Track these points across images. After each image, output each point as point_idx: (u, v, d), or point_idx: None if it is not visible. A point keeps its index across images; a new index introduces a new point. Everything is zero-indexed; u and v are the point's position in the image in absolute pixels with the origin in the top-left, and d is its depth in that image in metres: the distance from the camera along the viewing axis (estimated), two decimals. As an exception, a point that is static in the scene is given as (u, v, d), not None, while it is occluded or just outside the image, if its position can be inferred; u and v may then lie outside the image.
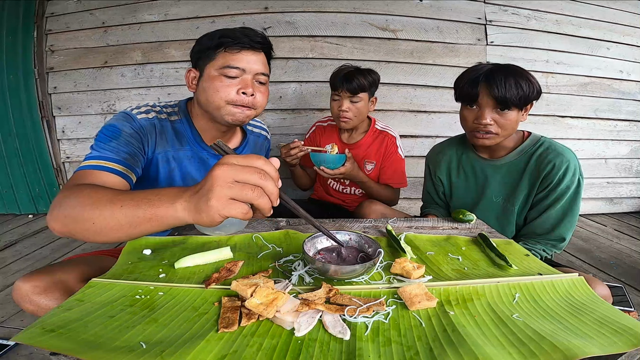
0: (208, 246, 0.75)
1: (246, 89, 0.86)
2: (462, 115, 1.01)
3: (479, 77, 0.92)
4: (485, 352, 0.42)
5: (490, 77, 0.89)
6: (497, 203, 1.08)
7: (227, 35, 0.86)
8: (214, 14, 2.12)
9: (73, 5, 2.20)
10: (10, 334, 1.20)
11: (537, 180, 0.97)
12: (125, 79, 2.21)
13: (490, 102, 0.91)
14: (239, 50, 0.86)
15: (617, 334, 0.45)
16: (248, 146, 1.09)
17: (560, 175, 0.93)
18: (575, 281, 0.61)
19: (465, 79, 0.95)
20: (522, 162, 1.01)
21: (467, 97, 0.95)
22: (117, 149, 0.79)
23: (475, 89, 0.92)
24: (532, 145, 1.00)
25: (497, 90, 0.88)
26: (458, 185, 1.16)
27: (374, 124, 1.49)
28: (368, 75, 1.34)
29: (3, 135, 2.32)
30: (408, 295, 0.54)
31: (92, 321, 0.48)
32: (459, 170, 1.15)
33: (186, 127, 0.96)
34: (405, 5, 2.15)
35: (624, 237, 2.16)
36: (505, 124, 0.94)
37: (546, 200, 0.98)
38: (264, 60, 0.91)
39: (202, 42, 0.90)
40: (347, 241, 0.71)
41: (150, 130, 0.89)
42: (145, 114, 0.90)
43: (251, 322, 0.49)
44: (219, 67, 0.86)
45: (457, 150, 1.15)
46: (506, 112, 0.92)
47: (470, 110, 0.97)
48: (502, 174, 1.05)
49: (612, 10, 2.32)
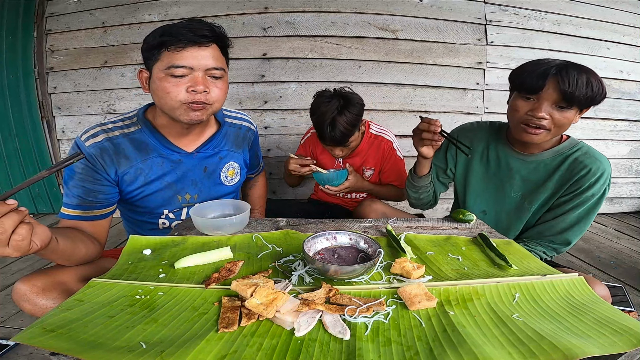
0: (208, 246, 0.75)
1: (196, 87, 0.81)
2: (515, 106, 0.95)
3: (549, 69, 0.87)
4: (485, 352, 0.42)
5: (564, 71, 0.85)
6: (513, 198, 1.05)
7: (168, 33, 0.80)
8: (214, 14, 2.13)
9: (73, 5, 2.20)
10: (10, 334, 1.20)
11: (566, 183, 0.95)
12: (125, 79, 2.21)
13: (554, 96, 0.87)
14: (182, 48, 0.80)
15: (617, 334, 0.45)
16: (226, 138, 1.05)
17: (593, 181, 0.91)
18: (575, 281, 0.61)
19: (531, 69, 0.90)
20: (556, 162, 0.98)
21: (530, 87, 0.89)
22: (71, 193, 0.86)
23: (543, 80, 0.86)
24: (569, 148, 0.97)
25: (568, 85, 0.84)
26: (476, 170, 1.11)
27: (368, 128, 1.47)
28: (353, 121, 1.24)
29: (3, 135, 2.32)
30: (408, 295, 0.54)
31: (92, 321, 0.48)
32: (482, 156, 1.10)
33: (148, 135, 0.92)
34: (405, 5, 2.15)
35: (624, 237, 2.16)
36: (560, 121, 0.89)
37: (567, 205, 0.96)
38: (214, 53, 0.85)
39: (147, 41, 0.84)
40: (347, 241, 0.71)
41: (101, 154, 0.86)
42: (93, 138, 0.87)
43: (251, 322, 0.49)
44: (164, 68, 0.80)
45: (489, 136, 1.11)
46: (565, 110, 0.88)
47: (526, 102, 0.92)
48: (529, 171, 1.01)
49: (612, 10, 2.32)
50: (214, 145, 1.02)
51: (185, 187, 1.00)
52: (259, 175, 1.33)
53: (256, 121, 2.15)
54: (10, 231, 0.52)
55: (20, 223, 0.54)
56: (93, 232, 0.87)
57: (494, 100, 2.29)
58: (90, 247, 0.82)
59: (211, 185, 1.04)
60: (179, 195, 1.00)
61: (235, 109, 1.17)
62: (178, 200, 1.00)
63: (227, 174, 1.06)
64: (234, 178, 1.09)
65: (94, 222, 0.88)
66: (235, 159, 1.08)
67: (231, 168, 1.07)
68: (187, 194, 1.01)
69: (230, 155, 1.06)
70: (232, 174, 1.08)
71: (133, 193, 0.93)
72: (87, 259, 0.82)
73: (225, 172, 1.06)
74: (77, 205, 0.85)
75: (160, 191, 0.96)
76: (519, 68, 0.95)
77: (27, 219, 0.55)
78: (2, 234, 0.51)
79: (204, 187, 1.02)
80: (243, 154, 1.11)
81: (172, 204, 1.00)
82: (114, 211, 0.94)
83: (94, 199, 0.87)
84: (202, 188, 1.02)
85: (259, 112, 2.23)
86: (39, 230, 0.58)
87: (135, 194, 0.94)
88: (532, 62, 0.93)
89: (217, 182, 1.05)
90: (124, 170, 0.90)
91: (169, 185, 0.97)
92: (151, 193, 0.95)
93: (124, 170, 0.90)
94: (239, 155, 1.09)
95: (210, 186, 1.04)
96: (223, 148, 1.04)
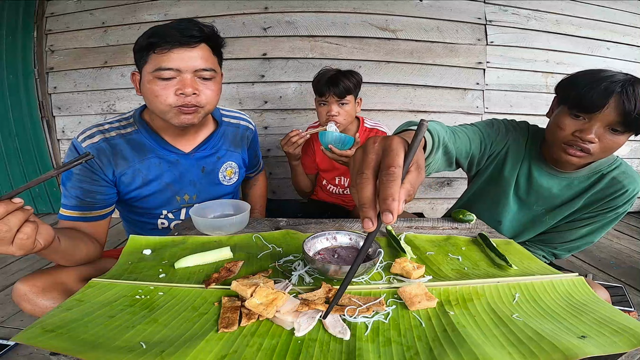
0: (208, 246, 0.75)
1: (184, 89, 0.80)
2: (561, 123, 0.81)
3: (613, 85, 0.73)
4: (485, 352, 0.42)
5: (630, 89, 0.72)
6: (534, 211, 0.97)
7: (155, 34, 0.78)
8: (214, 14, 2.13)
9: (73, 5, 2.20)
10: (10, 334, 1.20)
11: (599, 201, 0.88)
12: (125, 79, 2.21)
13: (610, 118, 0.74)
14: (169, 49, 0.78)
15: (617, 334, 0.45)
16: (224, 138, 1.05)
17: (625, 201, 0.86)
18: (575, 281, 0.61)
19: (589, 84, 0.76)
20: (592, 180, 0.90)
21: (588, 105, 0.75)
22: (70, 194, 0.85)
23: (606, 99, 0.73)
24: (607, 165, 0.89)
25: (635, 106, 0.71)
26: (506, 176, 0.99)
27: (363, 123, 1.49)
28: (352, 77, 1.33)
29: (3, 135, 2.32)
30: (408, 295, 0.54)
31: (92, 321, 0.48)
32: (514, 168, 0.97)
33: (145, 136, 0.92)
34: (405, 5, 2.15)
35: (624, 237, 2.16)
36: (609, 146, 0.78)
37: (589, 220, 0.91)
38: (204, 54, 0.83)
39: (137, 43, 0.82)
40: (347, 241, 0.71)
41: (98, 155, 0.86)
42: (90, 139, 0.86)
43: (251, 322, 0.49)
44: (152, 70, 0.79)
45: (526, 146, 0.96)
46: (618, 135, 0.76)
47: (575, 120, 0.79)
48: (561, 188, 0.92)
49: (612, 10, 2.32)
50: (211, 145, 1.02)
51: (184, 188, 1.00)
52: (259, 174, 1.33)
53: (256, 121, 2.15)
54: (16, 229, 0.52)
55: (25, 222, 0.54)
56: (92, 232, 0.87)
57: (494, 100, 2.30)
58: (90, 248, 0.82)
59: (210, 185, 1.04)
60: (177, 196, 1.00)
61: (235, 109, 1.17)
62: (177, 200, 1.00)
63: (226, 173, 1.06)
64: (233, 178, 1.09)
65: (93, 223, 0.88)
66: (234, 159, 1.08)
67: (229, 168, 1.07)
68: (186, 195, 1.01)
69: (228, 155, 1.06)
70: (231, 173, 1.08)
71: (131, 194, 0.93)
72: (88, 259, 0.82)
73: (224, 172, 1.06)
74: (75, 206, 0.85)
75: (158, 192, 0.96)
76: (571, 79, 0.82)
77: (31, 217, 0.56)
78: (7, 232, 0.51)
79: (202, 188, 1.02)
80: (242, 153, 1.11)
81: (171, 205, 1.00)
82: (112, 212, 0.94)
83: (93, 199, 0.87)
84: (200, 188, 1.02)
85: (259, 112, 2.23)
86: (43, 229, 0.59)
87: (134, 195, 0.94)
88: (588, 73, 0.79)
89: (216, 182, 1.05)
90: (122, 170, 0.90)
91: (167, 185, 0.96)
92: (150, 194, 0.95)
93: (122, 171, 0.90)
94: (238, 155, 1.09)
95: (209, 186, 1.04)
96: (221, 148, 1.04)
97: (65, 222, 0.86)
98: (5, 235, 0.51)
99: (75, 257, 0.78)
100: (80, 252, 0.78)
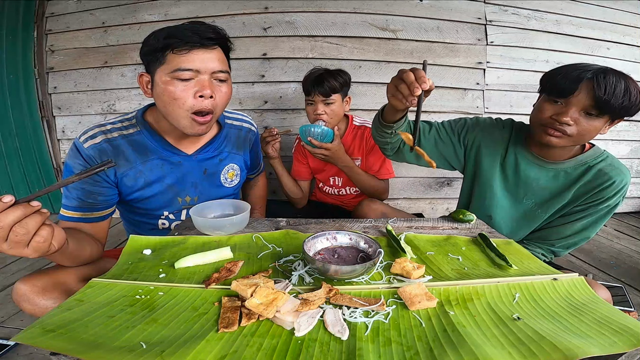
0: (208, 246, 0.75)
1: (203, 91, 0.80)
2: (540, 107, 0.90)
3: (585, 72, 0.81)
4: (485, 352, 0.42)
5: (601, 76, 0.79)
6: (525, 205, 1.00)
7: (173, 35, 0.78)
8: (214, 14, 2.12)
9: (73, 5, 2.20)
10: (10, 334, 1.20)
11: (587, 194, 0.91)
12: (125, 79, 2.21)
13: (585, 102, 0.81)
14: (188, 50, 0.78)
15: (617, 334, 0.45)
16: (226, 140, 1.05)
17: (613, 193, 0.89)
18: (576, 281, 0.61)
19: (566, 72, 0.84)
20: (578, 172, 0.93)
21: (561, 90, 0.84)
22: (71, 195, 0.85)
23: (576, 84, 0.81)
24: (593, 157, 0.93)
25: (604, 91, 0.78)
26: (490, 173, 1.04)
27: (352, 121, 1.51)
28: (339, 77, 1.34)
29: (3, 135, 2.32)
30: (408, 295, 0.54)
31: (92, 321, 0.48)
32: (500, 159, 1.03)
33: (147, 137, 0.92)
34: (405, 5, 2.15)
35: (624, 237, 2.16)
36: (585, 130, 0.84)
37: (579, 214, 0.93)
38: (220, 56, 0.84)
39: (149, 43, 0.81)
40: (347, 241, 0.71)
41: (100, 156, 0.86)
42: (91, 140, 0.86)
43: (251, 322, 0.49)
44: (170, 71, 0.78)
45: (511, 138, 1.03)
46: (594, 119, 0.83)
47: (553, 105, 0.87)
48: (548, 179, 0.96)
49: (612, 10, 2.32)
50: (214, 148, 1.02)
51: (185, 189, 1.00)
52: (260, 175, 1.33)
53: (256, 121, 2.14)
54: (33, 232, 0.52)
55: (42, 225, 0.53)
56: (93, 233, 0.87)
57: (494, 100, 2.29)
58: (94, 248, 0.82)
59: (211, 187, 1.04)
60: (179, 197, 0.99)
61: (235, 109, 1.17)
62: (178, 202, 1.00)
63: (227, 175, 1.06)
64: (234, 180, 1.09)
65: (94, 224, 0.88)
66: (236, 161, 1.08)
67: (231, 170, 1.07)
68: (187, 196, 1.01)
69: (230, 157, 1.06)
70: (232, 175, 1.08)
71: (133, 195, 0.93)
72: (90, 260, 0.82)
73: (225, 174, 1.06)
74: (76, 207, 0.85)
75: (160, 193, 0.96)
76: (553, 70, 0.89)
77: (47, 221, 0.55)
78: (24, 235, 0.51)
79: (204, 189, 1.02)
80: (244, 155, 1.11)
81: (172, 206, 1.00)
82: (113, 212, 0.94)
83: (94, 200, 0.86)
84: (202, 190, 1.02)
85: (259, 112, 2.23)
86: (57, 232, 0.58)
87: (135, 196, 0.94)
88: (569, 65, 0.87)
89: (217, 184, 1.05)
90: (124, 171, 0.89)
91: (169, 187, 0.96)
92: (151, 195, 0.95)
93: (124, 172, 0.89)
94: (240, 157, 1.09)
95: (210, 188, 1.04)
96: (224, 150, 1.04)
97: (65, 222, 0.85)
98: (23, 238, 0.51)
99: (80, 259, 0.78)
100: (85, 253, 0.79)
